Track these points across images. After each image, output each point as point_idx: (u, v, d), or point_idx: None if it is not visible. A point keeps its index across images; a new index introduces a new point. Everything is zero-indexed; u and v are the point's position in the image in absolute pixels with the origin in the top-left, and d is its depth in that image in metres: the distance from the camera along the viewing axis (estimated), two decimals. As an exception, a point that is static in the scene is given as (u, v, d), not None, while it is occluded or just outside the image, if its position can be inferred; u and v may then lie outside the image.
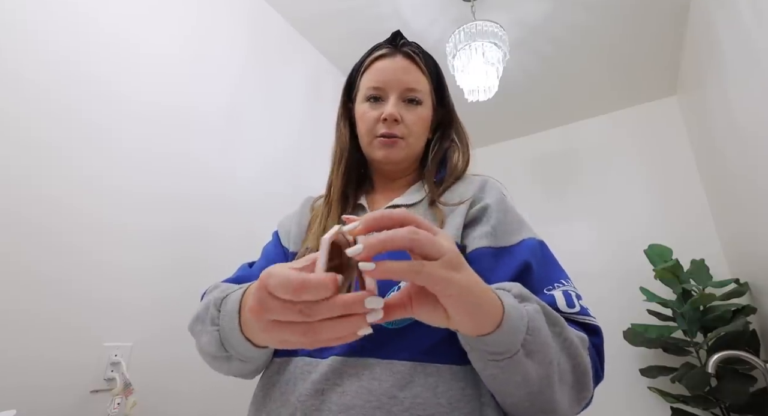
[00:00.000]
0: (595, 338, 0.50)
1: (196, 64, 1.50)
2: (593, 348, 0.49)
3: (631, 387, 2.20)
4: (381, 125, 0.64)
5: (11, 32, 1.00)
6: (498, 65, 1.72)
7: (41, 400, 0.92)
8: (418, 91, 0.65)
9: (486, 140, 3.16)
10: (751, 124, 1.50)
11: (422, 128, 0.67)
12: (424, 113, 0.66)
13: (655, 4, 1.91)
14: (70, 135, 1.08)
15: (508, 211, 0.59)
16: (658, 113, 2.58)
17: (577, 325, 0.49)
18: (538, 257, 0.54)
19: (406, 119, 0.64)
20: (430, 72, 0.69)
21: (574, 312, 0.49)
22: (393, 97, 0.64)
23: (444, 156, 0.71)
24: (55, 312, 0.98)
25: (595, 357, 0.49)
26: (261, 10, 1.86)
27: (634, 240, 2.40)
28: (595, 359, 0.49)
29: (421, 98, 0.66)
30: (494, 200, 0.60)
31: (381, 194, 0.72)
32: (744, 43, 1.44)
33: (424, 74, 0.67)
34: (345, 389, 0.46)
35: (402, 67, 0.65)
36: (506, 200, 0.61)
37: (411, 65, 0.66)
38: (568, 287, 0.52)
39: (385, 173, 0.72)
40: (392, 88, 0.65)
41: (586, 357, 0.46)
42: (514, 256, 0.53)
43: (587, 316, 0.50)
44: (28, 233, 0.96)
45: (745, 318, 1.67)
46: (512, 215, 0.59)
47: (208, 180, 1.46)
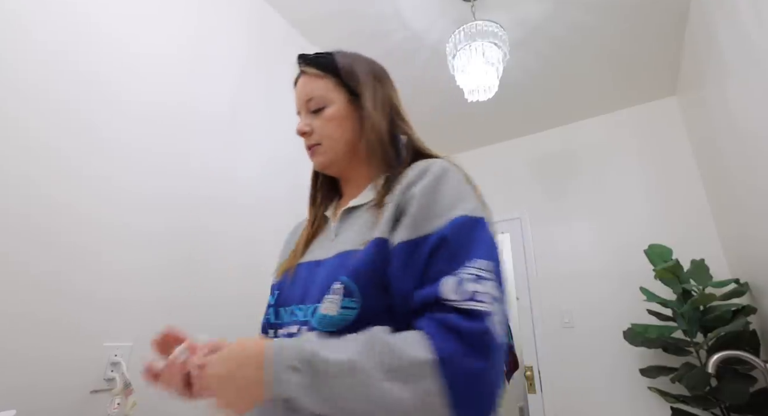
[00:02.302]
0: (471, 322, 0.44)
1: (196, 64, 1.50)
2: (461, 336, 0.44)
3: (631, 387, 2.20)
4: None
5: (11, 32, 1.00)
6: (498, 65, 1.72)
7: (41, 400, 0.92)
8: (315, 97, 0.68)
9: (486, 140, 3.16)
10: (751, 124, 1.50)
11: (333, 127, 0.67)
12: (329, 112, 0.67)
13: (655, 4, 1.91)
14: (69, 135, 1.08)
15: (439, 193, 0.54)
16: (658, 113, 2.58)
17: (460, 312, 0.45)
18: (459, 234, 0.50)
19: (314, 127, 0.67)
20: (327, 70, 0.69)
21: (458, 299, 0.45)
22: (302, 114, 0.70)
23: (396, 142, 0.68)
24: (55, 312, 0.98)
25: (459, 346, 0.44)
26: (261, 11, 1.86)
27: (634, 240, 2.40)
28: (458, 348, 0.44)
29: (321, 103, 0.67)
30: (422, 185, 0.55)
31: (345, 199, 0.72)
32: (744, 43, 1.44)
33: (319, 78, 0.69)
34: None
35: (301, 85, 0.70)
36: (443, 181, 0.55)
37: (306, 78, 0.70)
38: (470, 269, 0.47)
39: (342, 179, 0.74)
40: (301, 107, 0.70)
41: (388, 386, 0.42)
42: (428, 243, 0.50)
43: (471, 301, 0.45)
44: (28, 233, 0.96)
45: (745, 318, 1.67)
46: (444, 197, 0.53)
47: (209, 180, 1.46)
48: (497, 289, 0.47)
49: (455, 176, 0.57)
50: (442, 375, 0.42)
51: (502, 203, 2.99)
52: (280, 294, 0.65)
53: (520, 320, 2.66)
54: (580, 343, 2.41)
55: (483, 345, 0.43)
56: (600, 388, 2.29)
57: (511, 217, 2.89)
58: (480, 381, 0.43)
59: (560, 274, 2.60)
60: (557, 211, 2.74)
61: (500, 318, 0.46)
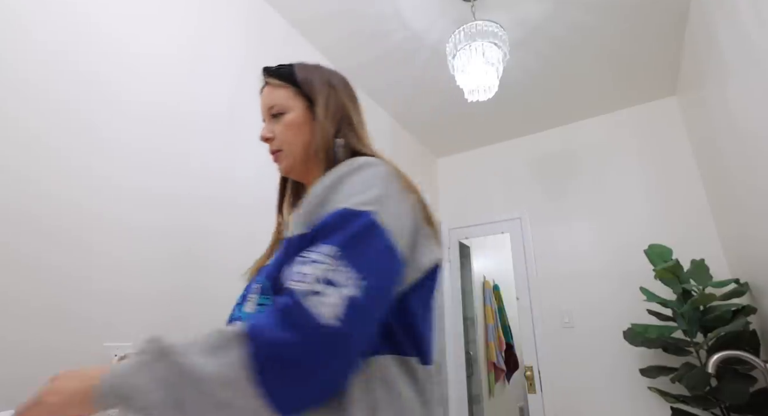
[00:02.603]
0: (286, 298, 0.45)
1: (196, 64, 1.50)
2: (274, 311, 0.45)
3: (631, 387, 2.20)
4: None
5: (11, 32, 1.00)
6: (498, 65, 1.72)
7: (41, 400, 0.92)
8: (275, 104, 0.71)
9: (486, 140, 3.16)
10: (751, 124, 1.50)
11: (292, 133, 0.70)
12: (288, 119, 0.70)
13: (655, 4, 1.91)
14: (69, 134, 1.08)
15: (340, 187, 0.54)
16: (658, 113, 2.58)
17: (285, 292, 0.47)
18: (328, 225, 0.50)
19: (276, 133, 0.71)
20: (287, 80, 0.72)
21: (287, 280, 0.47)
22: (266, 121, 0.73)
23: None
24: (56, 312, 0.98)
25: (271, 320, 0.44)
26: (261, 11, 1.86)
27: (634, 240, 2.40)
28: (269, 322, 0.44)
29: (281, 109, 0.71)
30: (322, 184, 0.56)
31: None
32: (744, 43, 1.44)
33: (280, 87, 0.72)
34: None
35: (264, 94, 0.74)
36: (352, 175, 0.55)
37: (268, 88, 0.73)
38: (311, 254, 0.48)
39: (305, 183, 0.75)
40: (264, 115, 0.73)
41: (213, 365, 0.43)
42: (310, 236, 0.51)
43: (293, 281, 0.46)
44: (29, 232, 0.96)
45: (745, 318, 1.67)
46: (341, 191, 0.54)
47: (208, 180, 1.46)
48: (332, 272, 0.45)
49: (370, 171, 0.56)
50: (246, 345, 0.42)
51: (502, 203, 2.99)
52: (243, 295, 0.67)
53: (520, 320, 2.66)
54: (580, 343, 2.41)
55: (292, 321, 0.43)
56: (600, 388, 2.29)
57: (511, 217, 2.89)
58: (285, 355, 0.42)
59: (560, 274, 2.60)
60: (557, 211, 2.74)
61: (329, 300, 0.44)
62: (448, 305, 2.95)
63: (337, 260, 0.46)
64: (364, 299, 0.45)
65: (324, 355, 0.43)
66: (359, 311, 0.45)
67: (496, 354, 3.36)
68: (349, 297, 0.44)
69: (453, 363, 2.81)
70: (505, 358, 3.49)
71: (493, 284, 3.65)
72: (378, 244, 0.49)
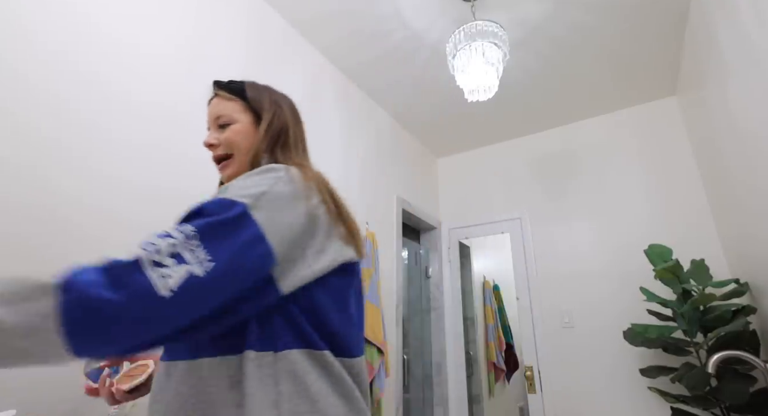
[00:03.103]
0: (118, 259, 0.46)
1: (195, 64, 1.50)
2: (102, 268, 0.45)
3: (631, 387, 2.20)
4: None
5: (11, 32, 1.00)
6: (498, 65, 1.72)
7: (41, 400, 0.92)
8: (223, 115, 0.74)
9: (486, 140, 3.16)
10: (751, 124, 1.50)
11: (237, 141, 0.72)
12: (236, 128, 0.73)
13: (655, 4, 1.91)
14: (69, 133, 1.08)
15: (228, 186, 0.58)
16: (658, 113, 2.58)
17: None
18: (202, 208, 0.54)
19: (220, 140, 0.73)
20: (237, 95, 0.76)
21: (139, 247, 0.49)
22: (211, 129, 0.75)
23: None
24: (55, 312, 0.98)
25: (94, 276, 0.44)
26: (261, 10, 1.86)
27: (634, 240, 2.40)
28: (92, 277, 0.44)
29: (228, 120, 0.73)
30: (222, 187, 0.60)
31: None
32: (744, 43, 1.44)
33: (230, 100, 0.75)
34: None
35: (212, 104, 0.76)
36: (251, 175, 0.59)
37: (217, 99, 0.76)
38: (168, 230, 0.50)
39: None
40: (210, 124, 0.76)
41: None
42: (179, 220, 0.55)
43: (140, 248, 0.48)
44: (29, 231, 0.96)
45: (745, 318, 1.67)
46: (233, 187, 0.57)
47: (209, 180, 1.45)
48: (181, 248, 0.48)
49: (268, 173, 0.59)
50: (58, 296, 0.42)
51: (502, 203, 2.99)
52: None
53: (520, 320, 2.66)
54: (580, 343, 2.41)
55: (123, 282, 0.44)
56: (600, 388, 2.29)
57: (511, 217, 2.89)
58: (103, 313, 0.43)
59: (560, 274, 2.60)
60: (557, 211, 2.74)
61: (167, 272, 0.45)
62: (448, 305, 2.95)
63: (192, 239, 0.49)
64: (205, 280, 0.47)
65: (141, 321, 0.44)
66: (195, 288, 0.46)
67: (496, 354, 3.36)
68: (189, 274, 0.46)
69: (453, 363, 2.81)
70: (505, 358, 3.49)
71: (493, 284, 3.65)
72: (244, 234, 0.51)
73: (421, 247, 3.14)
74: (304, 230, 0.57)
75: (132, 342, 0.45)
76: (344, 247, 0.62)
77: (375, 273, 2.07)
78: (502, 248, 3.06)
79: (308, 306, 0.57)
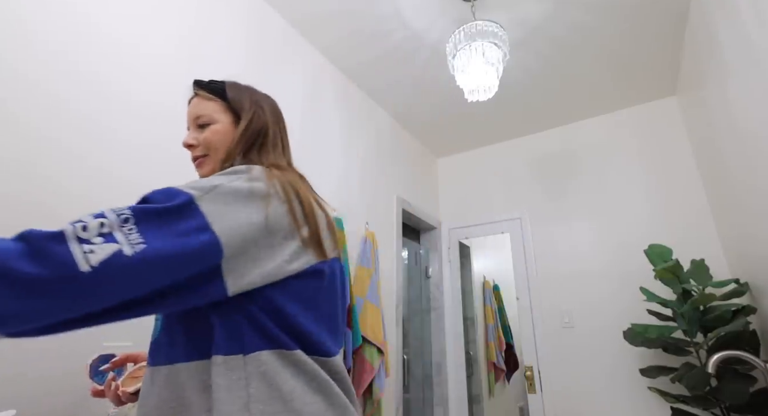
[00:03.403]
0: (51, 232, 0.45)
1: (195, 64, 1.50)
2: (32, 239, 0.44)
3: (631, 387, 2.20)
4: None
5: (11, 32, 1.00)
6: (498, 65, 1.72)
7: (41, 400, 0.92)
8: (203, 115, 0.74)
9: (486, 140, 3.16)
10: (751, 124, 1.50)
11: (216, 141, 0.72)
12: (214, 128, 0.73)
13: (655, 4, 1.91)
14: (69, 132, 1.08)
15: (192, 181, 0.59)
16: (658, 113, 2.58)
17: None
18: (149, 197, 0.53)
19: (200, 141, 0.73)
20: (217, 95, 0.75)
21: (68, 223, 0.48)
22: (191, 129, 0.75)
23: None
24: (55, 312, 0.98)
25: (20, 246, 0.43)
26: (260, 10, 1.86)
27: (634, 240, 2.40)
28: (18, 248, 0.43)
29: (208, 120, 0.73)
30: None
31: None
32: (744, 43, 1.44)
33: (210, 100, 0.75)
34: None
35: (192, 104, 0.76)
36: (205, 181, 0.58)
37: (197, 99, 0.76)
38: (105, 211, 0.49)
39: None
40: (190, 123, 0.76)
41: None
42: None
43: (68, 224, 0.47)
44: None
45: (745, 318, 1.67)
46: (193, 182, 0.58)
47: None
48: (112, 229, 0.47)
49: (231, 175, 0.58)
50: None
51: (502, 203, 2.99)
52: None
53: (520, 320, 2.66)
54: (580, 343, 2.41)
55: (44, 253, 0.43)
56: (600, 388, 2.29)
57: (511, 217, 2.89)
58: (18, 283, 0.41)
59: (560, 274, 2.60)
60: (557, 211, 2.74)
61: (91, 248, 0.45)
62: (448, 305, 2.95)
63: (126, 223, 0.48)
64: (132, 260, 0.46)
65: (59, 296, 0.43)
66: (119, 268, 0.45)
67: (496, 354, 3.36)
68: (114, 252, 0.45)
69: (453, 363, 2.81)
70: (505, 358, 3.49)
71: (493, 284, 3.65)
72: (186, 222, 0.50)
73: (421, 247, 3.14)
74: (259, 229, 0.55)
75: (51, 319, 0.44)
76: (304, 250, 0.60)
77: (375, 273, 2.07)
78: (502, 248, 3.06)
79: (270, 308, 0.56)
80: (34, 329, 0.44)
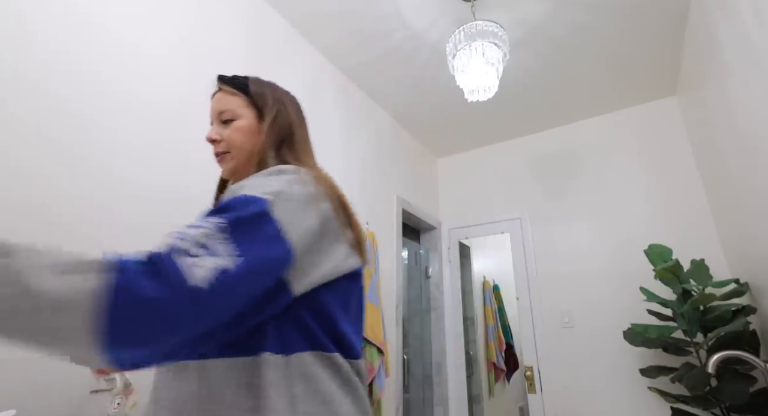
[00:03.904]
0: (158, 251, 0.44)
1: (196, 63, 1.50)
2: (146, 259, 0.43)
3: (631, 387, 2.20)
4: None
5: (11, 32, 1.00)
6: (498, 65, 1.72)
7: (41, 400, 0.92)
8: (227, 110, 0.74)
9: (486, 140, 3.16)
10: (751, 124, 1.50)
11: (239, 137, 0.72)
12: (239, 124, 0.73)
13: (655, 4, 1.91)
14: (70, 132, 1.08)
15: (249, 181, 0.59)
16: (658, 113, 2.59)
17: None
18: (230, 202, 0.53)
19: (223, 136, 0.73)
20: (241, 90, 0.76)
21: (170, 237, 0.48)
22: (214, 124, 0.75)
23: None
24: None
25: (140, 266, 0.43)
26: (261, 10, 1.86)
27: (634, 240, 2.40)
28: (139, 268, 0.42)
29: (231, 116, 0.73)
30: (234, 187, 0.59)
31: None
32: (744, 43, 1.44)
33: (234, 95, 0.75)
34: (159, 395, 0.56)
35: (216, 99, 0.76)
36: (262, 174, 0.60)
37: (221, 94, 0.76)
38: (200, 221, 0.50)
39: None
40: (213, 118, 0.76)
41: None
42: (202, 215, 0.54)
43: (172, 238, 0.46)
44: (30, 232, 0.96)
45: (745, 318, 1.67)
46: (248, 184, 0.57)
47: (209, 178, 1.45)
48: (212, 240, 0.47)
49: (282, 174, 0.60)
50: (109, 275, 0.40)
51: (502, 203, 2.99)
52: None
53: (520, 320, 2.66)
54: (580, 343, 2.41)
55: (161, 273, 0.42)
56: (600, 388, 2.29)
57: (511, 217, 2.89)
58: (145, 303, 0.40)
59: (560, 274, 2.60)
60: (557, 211, 2.74)
61: (201, 263, 0.44)
62: (448, 305, 2.95)
63: (221, 232, 0.48)
64: (234, 274, 0.45)
65: (184, 314, 0.42)
66: (227, 283, 0.45)
67: (496, 354, 3.36)
68: (222, 267, 0.45)
69: (453, 363, 2.81)
70: (505, 358, 3.49)
71: (493, 284, 3.65)
72: (265, 230, 0.51)
73: (421, 247, 3.14)
74: (315, 234, 0.57)
75: (170, 337, 0.43)
76: (352, 253, 0.63)
77: (375, 273, 2.07)
78: (502, 248, 3.06)
79: (316, 309, 0.58)
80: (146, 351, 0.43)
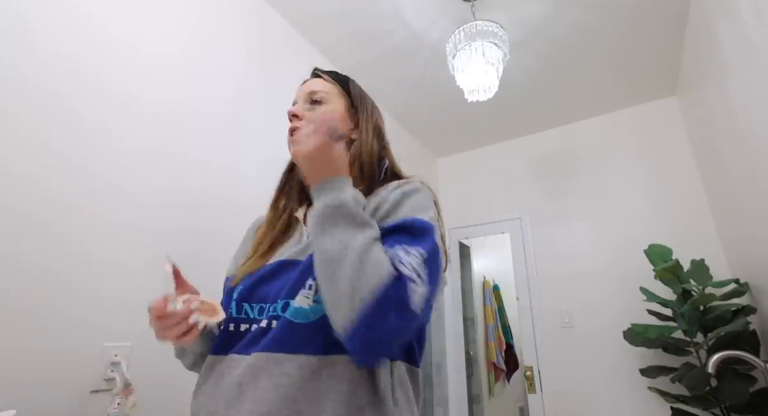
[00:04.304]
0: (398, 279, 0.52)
1: (196, 64, 1.50)
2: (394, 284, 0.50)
3: (631, 387, 2.20)
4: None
5: (11, 32, 1.00)
6: (498, 65, 1.72)
7: (41, 400, 0.92)
8: (319, 92, 0.74)
9: (486, 140, 3.16)
10: (751, 124, 1.50)
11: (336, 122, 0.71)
12: (327, 108, 0.73)
13: (655, 4, 1.91)
14: (70, 135, 1.08)
15: (404, 203, 0.62)
16: (658, 113, 2.58)
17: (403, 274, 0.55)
18: (416, 228, 0.58)
19: (307, 116, 0.71)
20: (339, 82, 0.77)
21: (404, 263, 0.54)
22: (300, 102, 0.75)
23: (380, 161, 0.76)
24: (56, 312, 0.98)
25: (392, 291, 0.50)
26: (261, 11, 1.86)
27: (634, 240, 2.40)
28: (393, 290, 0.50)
29: (321, 98, 0.73)
30: (392, 197, 0.63)
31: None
32: (744, 43, 1.44)
33: (331, 83, 0.76)
34: (258, 383, 0.54)
35: (312, 81, 0.77)
36: (411, 196, 0.63)
37: (319, 79, 0.77)
38: (417, 251, 0.55)
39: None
40: (300, 98, 0.76)
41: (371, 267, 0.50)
42: (388, 225, 0.60)
43: (401, 264, 0.52)
44: (29, 233, 0.96)
45: (745, 318, 1.67)
46: (407, 206, 0.62)
47: (209, 180, 1.46)
48: (422, 269, 0.53)
49: (423, 194, 0.65)
50: (394, 278, 0.50)
51: (502, 203, 2.99)
52: (244, 290, 0.66)
53: (520, 320, 2.66)
54: (580, 343, 2.41)
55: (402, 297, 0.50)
56: (600, 388, 2.29)
57: (511, 217, 2.89)
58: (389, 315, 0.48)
59: (560, 274, 2.60)
60: (557, 211, 2.74)
61: (418, 290, 0.51)
62: (448, 305, 2.95)
63: (425, 263, 0.54)
64: (429, 300, 0.53)
65: (402, 332, 0.52)
66: (427, 308, 0.53)
67: (496, 354, 3.36)
68: (427, 293, 0.53)
69: (453, 363, 2.81)
70: (505, 358, 3.49)
71: (493, 284, 3.65)
72: (439, 262, 0.58)
73: (421, 247, 3.14)
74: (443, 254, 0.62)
75: (393, 340, 0.52)
76: (446, 263, 0.65)
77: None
78: (502, 248, 3.06)
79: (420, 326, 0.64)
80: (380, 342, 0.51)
